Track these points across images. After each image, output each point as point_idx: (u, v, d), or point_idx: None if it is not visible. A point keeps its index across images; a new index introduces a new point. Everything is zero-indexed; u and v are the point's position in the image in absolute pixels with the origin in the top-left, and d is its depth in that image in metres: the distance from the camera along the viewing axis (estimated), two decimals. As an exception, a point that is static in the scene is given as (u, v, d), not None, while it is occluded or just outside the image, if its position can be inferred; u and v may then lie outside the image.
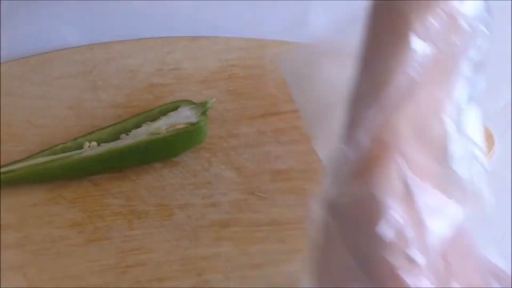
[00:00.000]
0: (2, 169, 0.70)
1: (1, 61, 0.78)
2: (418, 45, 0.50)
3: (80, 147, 0.72)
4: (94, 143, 0.72)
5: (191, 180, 0.72)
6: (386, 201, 0.48)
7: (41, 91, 0.76)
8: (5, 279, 0.66)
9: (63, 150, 0.72)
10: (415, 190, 0.50)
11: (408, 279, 0.47)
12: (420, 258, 0.48)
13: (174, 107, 0.74)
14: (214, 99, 0.74)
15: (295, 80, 0.65)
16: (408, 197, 0.49)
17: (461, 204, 0.53)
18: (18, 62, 0.78)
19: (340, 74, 0.56)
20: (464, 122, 0.54)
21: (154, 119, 0.73)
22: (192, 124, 0.72)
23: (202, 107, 0.73)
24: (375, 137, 0.50)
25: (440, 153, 0.53)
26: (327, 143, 0.58)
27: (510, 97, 0.78)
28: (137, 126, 0.73)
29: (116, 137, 0.73)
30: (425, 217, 0.50)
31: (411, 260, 0.48)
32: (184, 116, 0.72)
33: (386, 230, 0.48)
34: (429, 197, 0.51)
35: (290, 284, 0.67)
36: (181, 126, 0.72)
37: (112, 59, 0.78)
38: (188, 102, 0.73)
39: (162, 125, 0.72)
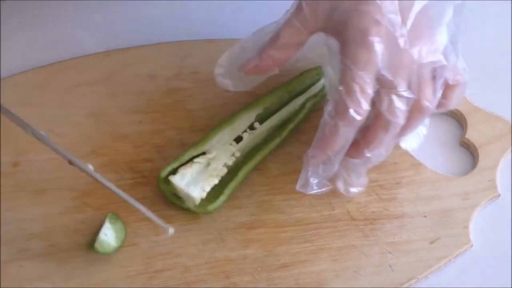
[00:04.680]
0: None
1: (19, 71, 0.78)
2: None
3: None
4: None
5: (214, 183, 0.72)
6: None
7: (60, 100, 0.76)
8: (34, 288, 0.67)
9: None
10: None
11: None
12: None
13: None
14: None
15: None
16: None
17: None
18: (36, 71, 0.78)
19: None
20: None
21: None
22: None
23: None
24: None
25: None
26: None
27: (510, 95, 0.78)
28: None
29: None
30: None
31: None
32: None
33: None
34: None
35: (318, 283, 0.68)
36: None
37: (129, 64, 0.79)
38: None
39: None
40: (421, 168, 0.73)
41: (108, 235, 0.67)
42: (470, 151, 0.75)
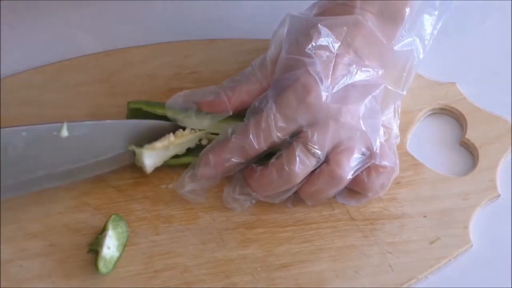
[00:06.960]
0: None
1: (18, 71, 0.78)
2: None
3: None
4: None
5: (214, 183, 0.72)
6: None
7: (60, 99, 0.76)
8: (34, 288, 0.67)
9: None
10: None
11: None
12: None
13: None
14: None
15: None
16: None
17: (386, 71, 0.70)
18: (36, 71, 0.78)
19: None
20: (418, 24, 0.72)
21: None
22: None
23: None
24: None
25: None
26: None
27: (511, 95, 0.78)
28: None
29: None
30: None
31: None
32: None
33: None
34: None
35: (318, 283, 0.68)
36: None
37: (129, 64, 0.79)
38: None
39: None
40: (421, 168, 0.73)
41: (111, 247, 0.67)
42: (470, 151, 0.75)
